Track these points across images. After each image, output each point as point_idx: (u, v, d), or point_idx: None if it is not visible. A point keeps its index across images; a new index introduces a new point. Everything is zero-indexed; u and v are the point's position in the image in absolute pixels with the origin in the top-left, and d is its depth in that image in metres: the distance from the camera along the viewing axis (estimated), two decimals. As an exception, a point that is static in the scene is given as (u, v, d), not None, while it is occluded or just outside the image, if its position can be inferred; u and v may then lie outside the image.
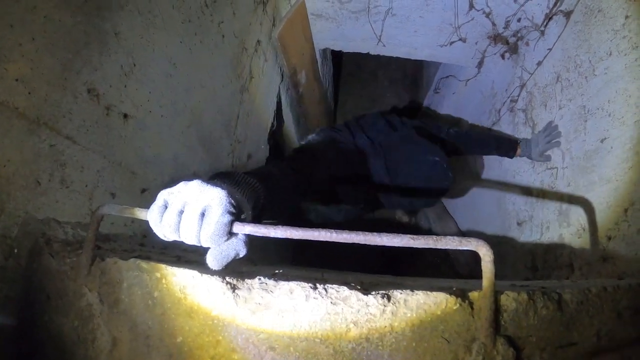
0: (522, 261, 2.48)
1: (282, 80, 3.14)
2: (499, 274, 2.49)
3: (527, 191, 2.55)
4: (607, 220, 1.75)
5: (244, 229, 0.80)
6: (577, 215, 1.97)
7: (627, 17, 1.77)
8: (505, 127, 3.04)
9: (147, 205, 1.43)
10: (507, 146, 2.65)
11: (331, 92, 5.31)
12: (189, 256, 1.40)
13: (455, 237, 0.77)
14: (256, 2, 2.39)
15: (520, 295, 0.86)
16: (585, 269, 1.84)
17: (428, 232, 4.55)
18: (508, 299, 0.86)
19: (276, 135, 3.26)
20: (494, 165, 3.18)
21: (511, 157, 2.65)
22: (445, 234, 2.75)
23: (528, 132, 2.62)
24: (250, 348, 0.85)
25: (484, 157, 3.41)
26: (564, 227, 2.08)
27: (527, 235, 2.48)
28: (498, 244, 2.85)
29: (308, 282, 0.87)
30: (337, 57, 5.80)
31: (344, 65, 6.44)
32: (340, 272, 1.47)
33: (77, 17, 1.08)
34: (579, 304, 0.87)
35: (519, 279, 2.45)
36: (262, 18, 2.52)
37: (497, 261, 2.54)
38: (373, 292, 0.85)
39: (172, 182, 1.57)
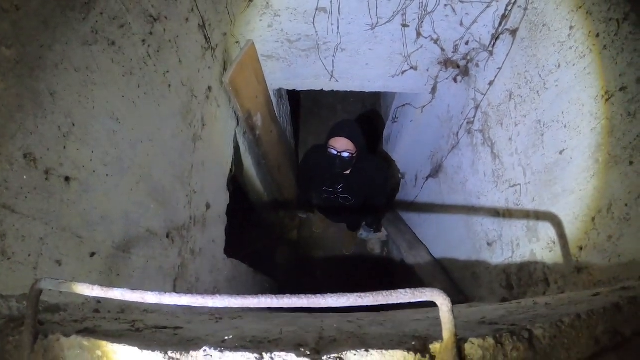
0: (497, 281, 2.45)
1: (237, 125, 3.10)
2: (475, 296, 2.43)
3: (493, 211, 2.54)
4: (576, 231, 1.74)
5: (180, 300, 0.74)
6: (546, 229, 1.96)
7: (571, 27, 1.80)
8: (464, 150, 3.05)
9: (96, 270, 1.36)
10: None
11: (290, 131, 5.30)
12: (148, 318, 1.32)
13: (408, 290, 0.70)
14: (204, 48, 2.36)
15: (486, 341, 0.80)
16: (561, 282, 1.82)
17: (400, 262, 4.53)
18: (473, 347, 0.80)
19: (237, 179, 3.20)
20: (458, 189, 3.18)
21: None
22: (417, 263, 2.72)
23: (487, 151, 2.63)
24: None
25: (449, 181, 3.44)
26: (534, 243, 2.07)
27: (499, 254, 2.46)
28: (471, 266, 2.82)
29: (254, 352, 0.79)
30: (295, 95, 5.83)
31: (302, 103, 6.48)
32: (309, 316, 1.40)
33: (8, 80, 1.02)
34: (552, 338, 0.81)
35: (495, 299, 2.42)
36: (211, 63, 2.49)
37: (473, 283, 2.49)
38: (324, 357, 0.78)
39: (123, 242, 1.51)
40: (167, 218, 1.89)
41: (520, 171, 2.21)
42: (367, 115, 6.54)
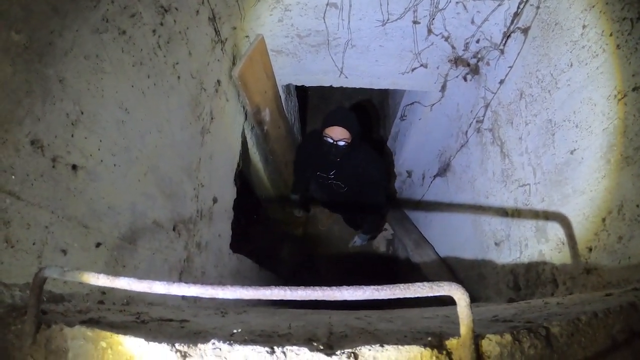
0: (504, 282, 2.43)
1: (245, 119, 3.09)
2: (482, 296, 2.40)
3: (501, 210, 2.51)
4: (586, 231, 1.71)
5: (189, 290, 0.73)
6: (555, 229, 1.94)
7: (584, 26, 1.77)
8: (473, 149, 3.03)
9: (101, 261, 1.36)
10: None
11: (298, 127, 5.29)
12: (153, 311, 1.31)
13: (426, 283, 0.69)
14: (214, 41, 2.35)
15: (504, 338, 0.78)
16: (570, 283, 1.80)
17: (406, 261, 4.51)
18: (490, 344, 0.78)
19: (244, 174, 3.20)
20: (466, 188, 3.15)
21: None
22: (423, 262, 2.70)
23: (496, 151, 2.61)
24: None
25: (457, 180, 3.42)
26: (542, 243, 2.04)
27: (506, 254, 2.44)
28: (478, 266, 2.80)
29: (265, 346, 0.78)
30: (303, 91, 5.81)
31: (310, 99, 6.47)
32: (315, 313, 1.39)
33: (17, 65, 1.00)
34: (570, 336, 0.80)
35: (502, 300, 2.40)
36: (220, 57, 2.48)
37: (479, 283, 2.46)
38: (338, 352, 0.76)
39: (129, 233, 1.50)
40: (174, 210, 1.88)
41: (530, 171, 2.18)
42: (360, 104, 6.54)
